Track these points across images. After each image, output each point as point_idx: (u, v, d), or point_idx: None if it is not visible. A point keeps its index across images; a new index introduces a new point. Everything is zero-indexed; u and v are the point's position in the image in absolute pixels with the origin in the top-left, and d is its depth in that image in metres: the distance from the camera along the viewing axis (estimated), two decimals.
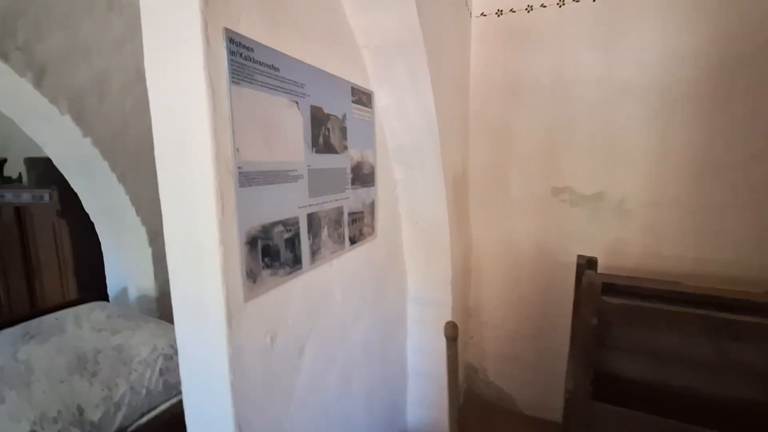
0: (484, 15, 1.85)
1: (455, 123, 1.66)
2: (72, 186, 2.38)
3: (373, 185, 1.30)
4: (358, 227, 1.21)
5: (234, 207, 0.71)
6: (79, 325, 1.83)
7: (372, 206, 1.30)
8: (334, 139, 1.05)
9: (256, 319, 0.78)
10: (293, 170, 0.89)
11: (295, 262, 0.90)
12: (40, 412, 1.30)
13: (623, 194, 1.76)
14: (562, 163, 1.85)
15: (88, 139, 2.03)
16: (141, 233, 2.36)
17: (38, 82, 1.82)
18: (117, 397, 1.40)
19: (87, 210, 2.45)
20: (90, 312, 1.97)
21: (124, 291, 2.54)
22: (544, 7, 1.77)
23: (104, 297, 2.94)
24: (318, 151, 0.98)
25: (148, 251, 2.39)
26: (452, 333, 1.29)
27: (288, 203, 0.88)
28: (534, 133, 1.87)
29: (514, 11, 1.81)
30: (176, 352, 1.66)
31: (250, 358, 0.76)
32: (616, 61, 1.72)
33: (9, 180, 2.78)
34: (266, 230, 0.80)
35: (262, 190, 0.79)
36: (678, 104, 1.66)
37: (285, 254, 0.86)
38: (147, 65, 0.72)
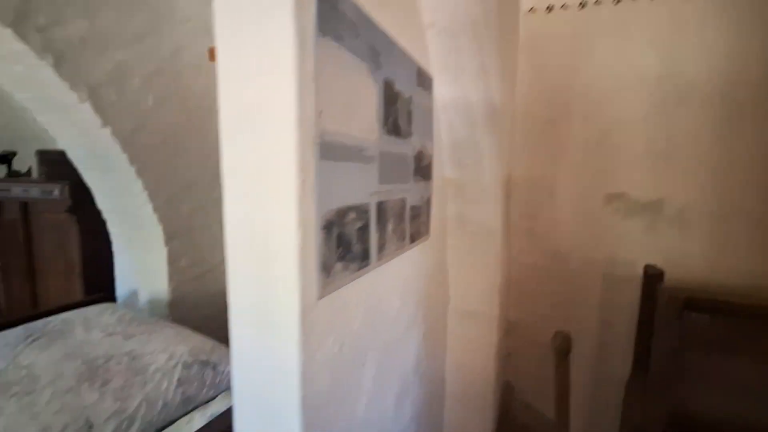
0: (534, 11, 1.76)
1: (511, 122, 1.54)
2: (85, 181, 2.25)
3: (430, 180, 1.17)
4: (416, 225, 1.07)
5: (313, 183, 0.58)
6: (87, 328, 1.68)
7: (428, 203, 1.17)
8: (402, 122, 0.93)
9: (327, 322, 0.64)
10: (366, 149, 0.76)
11: (364, 257, 0.76)
12: (43, 425, 1.14)
13: (683, 203, 1.64)
14: (616, 169, 1.73)
15: (108, 130, 1.91)
16: (157, 232, 2.22)
17: (58, 67, 1.71)
18: (130, 409, 1.24)
19: (100, 207, 2.32)
20: (100, 314, 1.82)
21: (133, 294, 2.39)
22: (599, 4, 1.68)
23: (112, 300, 2.79)
24: (387, 133, 0.85)
25: (163, 252, 2.25)
26: (565, 346, 1.10)
27: (361, 187, 0.74)
28: (585, 137, 1.76)
29: (565, 8, 1.72)
30: (197, 361, 1.51)
31: (319, 368, 0.62)
32: (676, 62, 1.61)
33: (18, 174, 2.66)
34: (341, 215, 0.67)
35: (339, 167, 0.66)
36: (745, 109, 1.54)
37: (356, 246, 0.73)
38: (217, 12, 0.60)
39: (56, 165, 2.40)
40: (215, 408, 1.35)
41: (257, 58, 0.54)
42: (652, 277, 1.37)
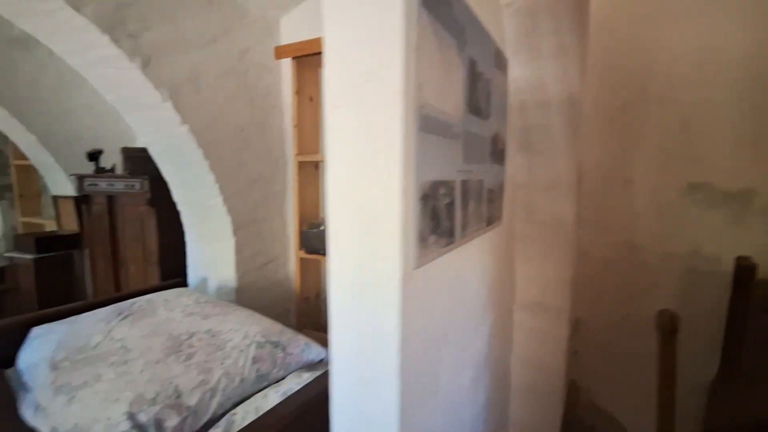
0: None
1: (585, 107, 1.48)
2: (163, 175, 2.44)
3: (503, 164, 1.16)
4: (492, 209, 1.06)
5: (414, 153, 0.60)
6: (169, 308, 1.81)
7: (501, 188, 1.16)
8: (482, 103, 0.92)
9: (420, 293, 0.65)
10: (453, 126, 0.76)
11: (450, 234, 0.77)
12: (138, 391, 1.25)
13: None
14: (699, 157, 1.60)
15: (186, 127, 2.06)
16: (226, 223, 2.36)
17: (145, 69, 1.87)
18: (212, 382, 1.33)
19: (175, 199, 2.50)
20: (178, 296, 1.96)
21: (203, 281, 2.56)
22: None
23: (185, 286, 2.99)
24: (470, 112, 0.85)
25: (231, 241, 2.38)
26: (671, 324, 1.02)
27: (449, 163, 0.75)
28: (664, 123, 1.64)
29: None
30: (268, 342, 1.58)
31: (413, 337, 0.63)
32: None
33: (103, 170, 2.93)
34: (434, 189, 0.68)
35: (434, 141, 0.67)
36: None
37: (444, 222, 0.73)
38: None
39: (138, 161, 2.62)
40: (287, 386, 1.41)
41: (365, 27, 0.56)
42: (746, 270, 1.25)
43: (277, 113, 2.59)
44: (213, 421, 1.30)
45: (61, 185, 3.26)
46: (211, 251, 2.50)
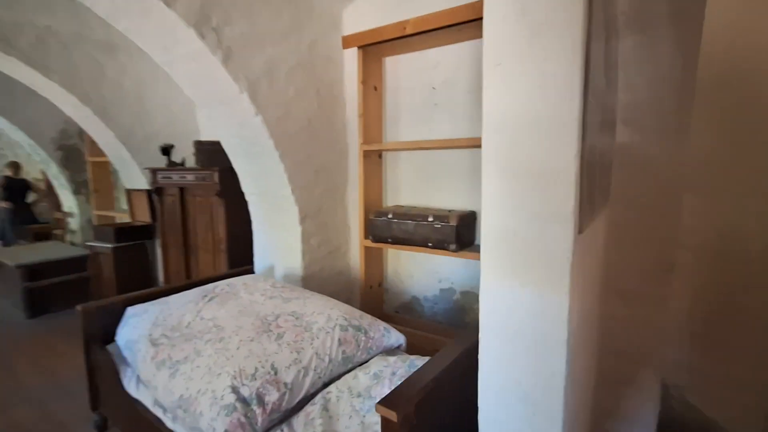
0: None
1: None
2: (234, 166, 2.54)
3: (613, 138, 1.10)
4: (605, 183, 1.01)
5: (578, 115, 0.57)
6: (249, 292, 1.87)
7: (610, 164, 1.10)
8: (610, 74, 0.88)
9: (581, 258, 0.62)
10: (601, 89, 0.73)
11: (601, 198, 0.73)
12: (239, 366, 1.29)
13: None
14: None
15: (260, 118, 2.13)
16: (293, 212, 2.42)
17: (225, 62, 1.94)
18: (305, 361, 1.36)
19: (244, 190, 2.60)
20: (255, 282, 2.03)
21: (270, 268, 2.63)
22: None
23: (252, 273, 3.10)
24: (606, 84, 0.81)
25: (298, 230, 2.44)
26: None
27: (592, 127, 0.71)
28: None
29: None
30: (350, 325, 1.60)
31: (574, 306, 0.60)
32: None
33: (175, 164, 3.09)
34: (591, 152, 0.65)
35: (591, 101, 0.64)
36: None
37: (596, 187, 0.70)
38: None
39: (209, 154, 2.74)
40: (376, 368, 1.42)
41: None
42: None
43: (340, 105, 2.62)
44: (306, 399, 1.32)
45: (135, 179, 3.47)
46: (277, 240, 2.57)
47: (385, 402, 0.63)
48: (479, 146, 2.15)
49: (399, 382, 1.29)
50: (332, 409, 1.23)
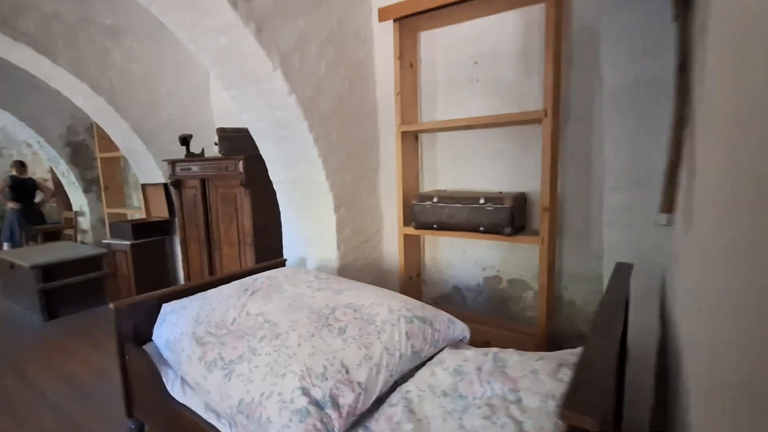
0: None
1: None
2: (262, 153, 2.38)
3: None
4: None
5: None
6: (293, 284, 1.73)
7: None
8: None
9: None
10: None
11: None
12: (305, 365, 1.15)
13: None
14: None
15: (293, 97, 1.97)
16: (327, 200, 2.26)
17: (258, 34, 1.78)
18: (376, 357, 1.22)
19: (272, 178, 2.44)
20: (296, 273, 1.89)
21: (301, 260, 2.49)
22: None
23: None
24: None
25: (333, 219, 2.29)
26: None
27: None
28: None
29: None
30: (414, 316, 1.45)
31: None
32: None
33: (194, 155, 2.94)
34: None
35: None
36: None
37: None
38: None
39: (233, 141, 2.58)
40: (454, 363, 1.27)
41: None
42: None
43: (370, 83, 2.46)
44: (381, 399, 1.18)
45: (149, 173, 3.32)
46: (309, 231, 2.42)
47: (572, 406, 0.49)
48: (528, 123, 2.03)
49: (490, 379, 1.15)
50: (417, 410, 1.08)
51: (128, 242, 3.01)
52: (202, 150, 2.98)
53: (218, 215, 2.80)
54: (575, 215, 1.93)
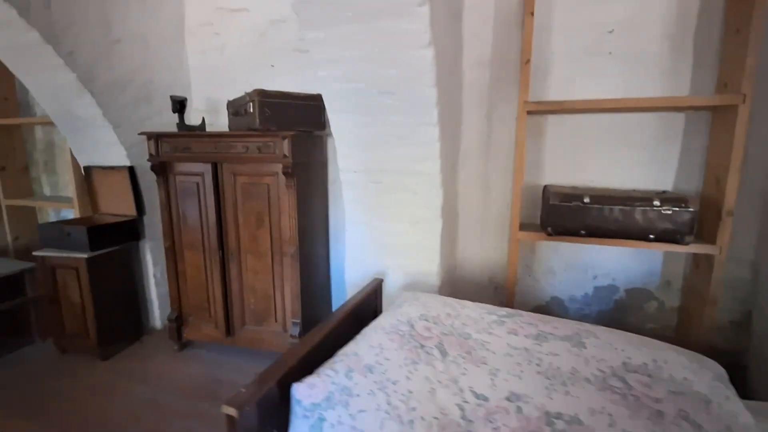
0: None
1: None
2: (334, 128, 1.68)
3: None
4: None
5: None
6: (485, 330, 1.18)
7: None
8: None
9: None
10: None
11: None
12: None
13: None
14: None
15: (431, 50, 1.33)
16: (432, 197, 1.68)
17: None
18: None
19: (341, 165, 1.77)
20: (459, 308, 1.32)
21: (377, 275, 1.86)
22: None
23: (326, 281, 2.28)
24: None
25: (438, 221, 1.72)
26: None
27: None
28: None
29: None
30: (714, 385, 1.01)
31: None
32: None
33: (191, 127, 2.03)
34: None
35: None
36: None
37: None
38: None
39: (276, 110, 1.80)
40: None
41: None
42: None
43: (476, 42, 1.88)
44: None
45: (101, 151, 2.27)
46: (395, 235, 1.82)
47: None
48: (682, 109, 1.70)
49: None
50: None
51: (83, 254, 1.99)
52: (203, 121, 2.09)
53: (237, 213, 2.00)
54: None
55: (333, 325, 1.21)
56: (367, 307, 1.53)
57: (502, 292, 2.14)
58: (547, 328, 1.16)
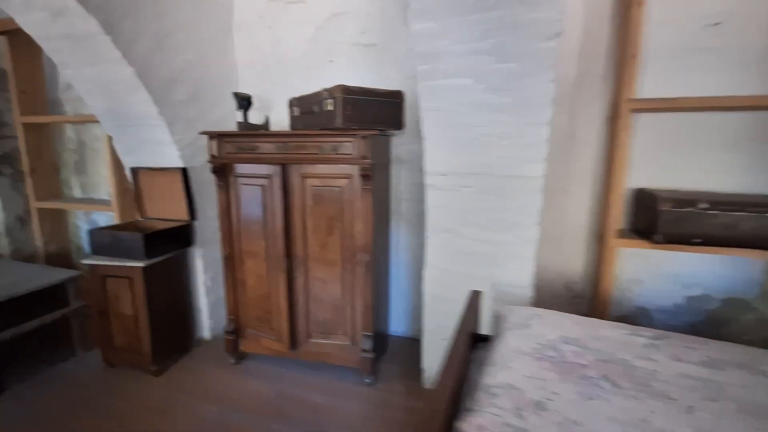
0: None
1: None
2: (424, 129, 1.54)
3: None
4: None
5: None
6: (647, 357, 1.05)
7: None
8: None
9: None
10: None
11: None
12: None
13: None
14: None
15: (554, 42, 1.21)
16: (532, 201, 1.55)
17: None
18: None
19: (427, 167, 1.63)
20: (600, 330, 1.19)
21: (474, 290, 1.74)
22: None
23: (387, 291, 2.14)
24: None
25: (535, 228, 1.59)
26: None
27: None
28: None
29: None
30: None
31: None
32: None
33: (256, 126, 1.89)
34: None
35: None
36: None
37: None
38: None
39: (358, 107, 1.66)
40: None
41: None
42: None
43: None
44: None
45: (150, 152, 2.12)
46: (482, 243, 1.68)
47: None
48: None
49: None
50: None
51: (139, 263, 1.85)
52: (267, 119, 1.95)
53: (305, 218, 1.86)
54: None
55: (461, 352, 1.08)
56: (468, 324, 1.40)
57: (579, 301, 2.03)
58: (712, 353, 1.04)
